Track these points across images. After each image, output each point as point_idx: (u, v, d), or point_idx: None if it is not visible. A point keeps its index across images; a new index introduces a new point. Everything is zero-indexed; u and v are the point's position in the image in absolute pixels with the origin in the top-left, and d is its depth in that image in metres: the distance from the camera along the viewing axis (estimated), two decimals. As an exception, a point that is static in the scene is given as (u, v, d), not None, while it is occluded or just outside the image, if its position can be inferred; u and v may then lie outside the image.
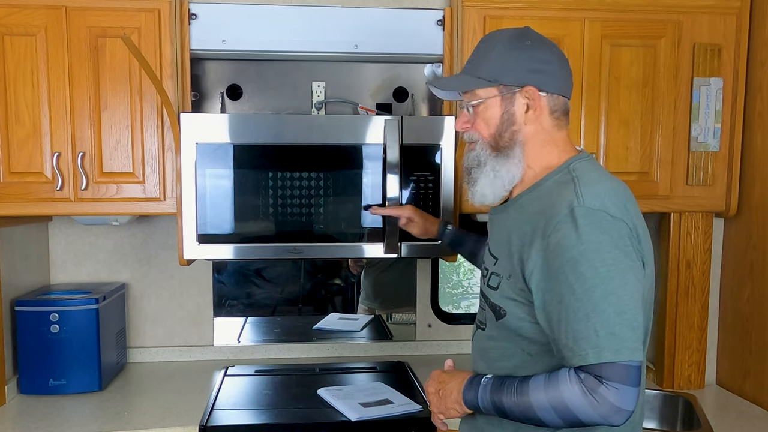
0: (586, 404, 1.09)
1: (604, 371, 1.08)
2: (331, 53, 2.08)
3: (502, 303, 1.25)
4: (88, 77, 1.93)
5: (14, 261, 2.10)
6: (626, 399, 1.08)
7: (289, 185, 1.94)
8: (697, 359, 2.26)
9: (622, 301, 1.09)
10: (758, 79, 2.10)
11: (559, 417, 1.12)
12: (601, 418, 1.09)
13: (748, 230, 2.16)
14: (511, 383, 1.17)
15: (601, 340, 1.08)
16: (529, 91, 1.24)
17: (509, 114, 1.25)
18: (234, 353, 2.45)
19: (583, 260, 1.10)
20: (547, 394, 1.12)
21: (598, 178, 1.20)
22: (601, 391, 1.08)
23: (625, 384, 1.08)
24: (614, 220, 1.12)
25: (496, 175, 1.27)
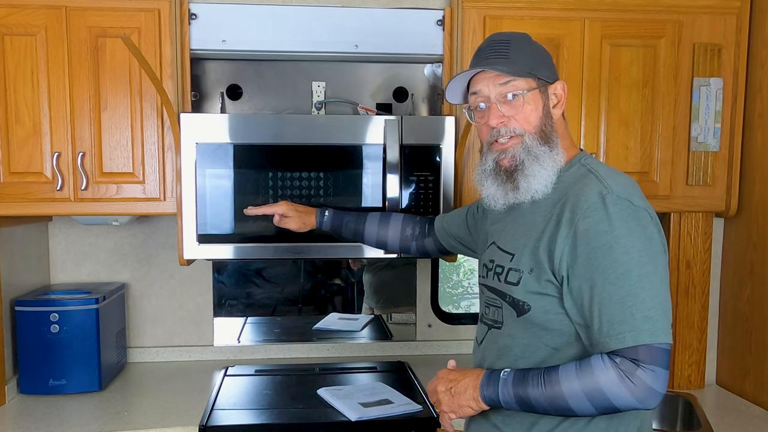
0: (624, 389, 1.10)
1: (641, 354, 1.10)
2: (331, 53, 2.08)
3: (525, 298, 1.23)
4: (88, 77, 1.93)
5: (14, 261, 2.10)
6: (660, 381, 1.11)
7: (289, 185, 1.94)
8: (697, 359, 2.26)
9: (655, 286, 1.13)
10: (758, 79, 2.10)
11: (592, 404, 1.12)
12: (638, 401, 1.11)
13: (748, 230, 2.16)
14: (536, 374, 1.17)
15: (638, 323, 1.11)
16: (558, 87, 1.29)
17: (547, 108, 1.28)
18: (234, 353, 2.45)
19: (617, 245, 1.12)
20: (581, 382, 1.12)
21: (613, 172, 1.24)
22: (639, 374, 1.10)
23: (659, 366, 1.11)
24: (638, 209, 1.16)
25: (553, 165, 1.25)
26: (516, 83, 1.25)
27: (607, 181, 1.19)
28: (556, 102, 1.29)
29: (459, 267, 4.67)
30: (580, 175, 1.24)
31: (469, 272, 4.73)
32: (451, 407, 1.27)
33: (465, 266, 4.68)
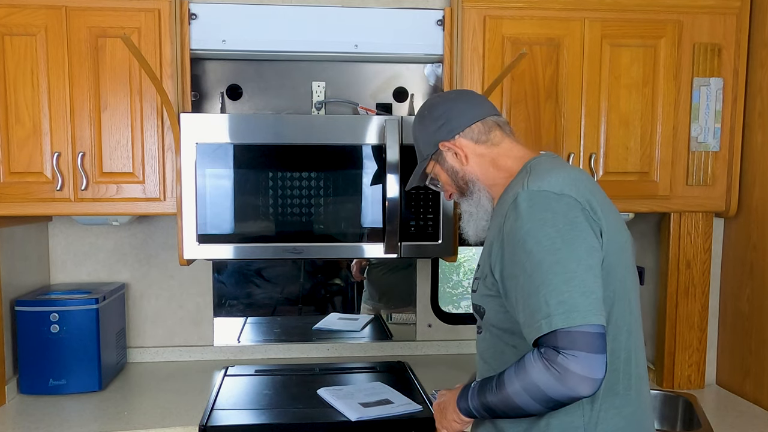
0: (551, 378, 1.10)
1: (560, 340, 1.10)
2: (331, 53, 2.08)
3: (480, 302, 1.32)
4: (88, 77, 1.93)
5: (14, 261, 2.10)
6: (589, 366, 1.08)
7: (289, 185, 1.94)
8: (697, 359, 2.26)
9: (569, 269, 1.12)
10: (758, 79, 2.10)
11: (534, 400, 1.13)
12: (568, 389, 1.09)
13: (748, 230, 2.16)
14: (490, 381, 1.22)
15: (551, 309, 1.11)
16: (444, 146, 1.41)
17: (449, 168, 1.43)
18: (234, 353, 2.45)
19: (529, 238, 1.16)
20: (519, 379, 1.14)
21: (550, 168, 1.27)
22: (560, 361, 1.09)
23: (583, 351, 1.08)
24: (559, 197, 1.18)
25: (470, 215, 1.43)
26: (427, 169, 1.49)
27: (529, 180, 1.23)
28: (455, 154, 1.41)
29: (459, 267, 4.67)
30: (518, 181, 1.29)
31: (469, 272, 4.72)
32: (442, 424, 1.38)
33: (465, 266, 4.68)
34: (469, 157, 1.39)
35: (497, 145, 1.39)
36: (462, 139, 1.40)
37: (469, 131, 1.40)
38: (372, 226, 1.97)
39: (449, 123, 1.41)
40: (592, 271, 1.14)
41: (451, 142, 1.41)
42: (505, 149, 1.39)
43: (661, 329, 2.28)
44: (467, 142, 1.40)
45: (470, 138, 1.40)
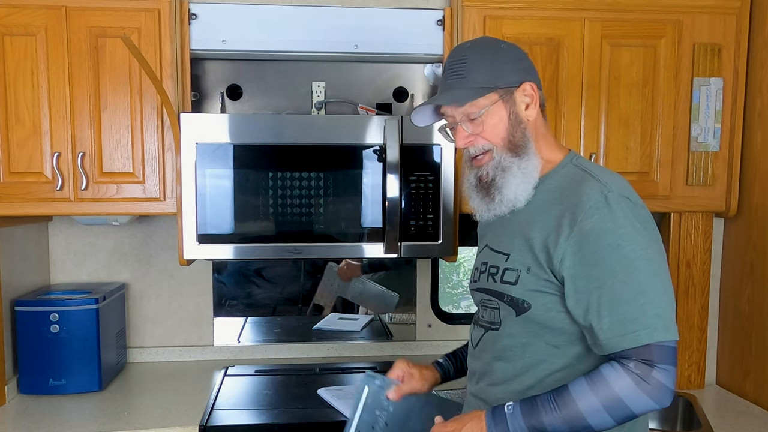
0: (641, 393, 1.10)
1: (654, 354, 1.10)
2: (331, 53, 2.08)
3: (524, 296, 1.22)
4: (88, 77, 1.93)
5: (14, 261, 2.10)
6: (673, 379, 1.11)
7: (289, 185, 1.94)
8: (697, 359, 2.26)
9: (665, 282, 1.14)
10: (758, 79, 2.10)
11: (611, 416, 1.11)
12: (655, 402, 1.10)
13: (748, 230, 2.16)
14: (546, 400, 1.15)
15: (650, 320, 1.10)
16: (527, 88, 1.25)
17: (514, 114, 1.25)
18: (234, 353, 2.45)
19: (625, 243, 1.12)
20: (597, 395, 1.11)
21: (607, 171, 1.24)
22: (654, 375, 1.09)
23: (671, 365, 1.11)
24: (638, 207, 1.18)
25: (524, 174, 1.25)
26: (476, 102, 1.25)
27: (605, 180, 1.19)
28: (528, 103, 1.26)
29: (459, 267, 4.67)
30: (575, 175, 1.23)
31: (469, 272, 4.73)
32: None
33: (465, 266, 4.68)
34: (535, 116, 1.27)
35: (548, 125, 1.32)
36: (537, 94, 1.27)
37: (541, 94, 1.28)
38: (372, 226, 1.96)
39: (530, 70, 1.28)
40: (671, 286, 1.17)
41: (536, 88, 1.26)
42: (550, 134, 1.32)
43: (661, 329, 2.28)
44: (538, 101, 1.27)
45: (540, 99, 1.28)
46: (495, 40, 1.31)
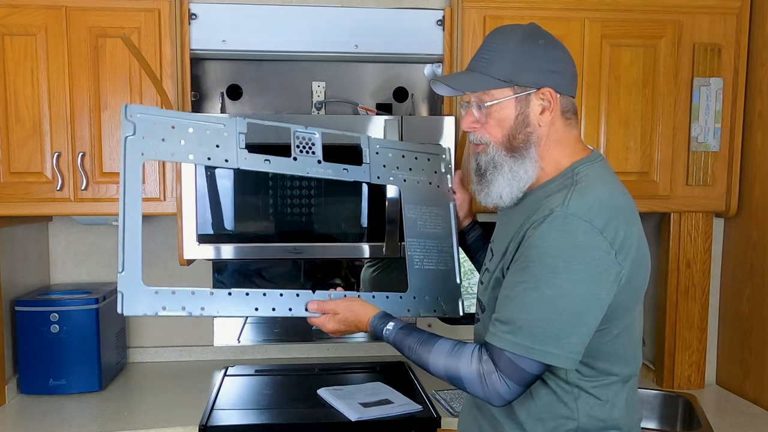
0: (477, 383, 1.17)
1: (503, 363, 1.14)
2: (331, 53, 2.08)
3: (483, 297, 1.31)
4: (88, 77, 1.93)
5: (14, 261, 2.10)
6: (510, 395, 1.15)
7: (288, 185, 1.94)
8: (697, 359, 2.26)
9: (558, 309, 1.11)
10: (758, 79, 2.10)
11: (449, 380, 1.21)
12: (484, 397, 1.17)
13: (748, 230, 2.16)
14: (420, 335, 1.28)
15: (521, 334, 1.12)
16: (545, 93, 1.21)
17: (524, 115, 1.23)
18: (234, 353, 2.45)
19: (538, 262, 1.13)
20: (447, 361, 1.20)
21: (595, 185, 1.18)
22: (494, 379, 1.15)
23: (516, 384, 1.14)
24: (591, 231, 1.11)
25: (513, 176, 1.25)
26: (489, 92, 1.23)
27: (573, 196, 1.14)
28: (545, 108, 1.22)
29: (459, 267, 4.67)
30: (562, 186, 1.20)
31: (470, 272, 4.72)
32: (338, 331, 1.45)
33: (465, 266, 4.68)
34: (549, 123, 1.23)
35: (570, 130, 1.25)
36: (559, 101, 1.23)
37: (565, 100, 1.24)
38: (372, 226, 1.96)
39: (559, 76, 1.22)
40: (579, 318, 1.12)
41: (555, 95, 1.21)
42: (571, 139, 1.26)
43: (661, 329, 2.28)
44: (559, 108, 1.23)
45: (563, 106, 1.24)
46: (538, 34, 1.24)
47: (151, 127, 1.35)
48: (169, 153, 1.36)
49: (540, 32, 1.24)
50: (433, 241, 1.55)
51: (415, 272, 1.53)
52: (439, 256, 1.55)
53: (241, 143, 1.41)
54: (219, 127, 1.40)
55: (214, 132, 1.39)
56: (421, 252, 1.53)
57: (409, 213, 1.51)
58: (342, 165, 1.51)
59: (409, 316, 1.51)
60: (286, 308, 1.43)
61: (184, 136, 1.37)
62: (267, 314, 1.42)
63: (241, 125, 1.41)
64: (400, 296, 1.53)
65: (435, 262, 1.55)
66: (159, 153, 1.36)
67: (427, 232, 1.53)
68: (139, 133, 1.34)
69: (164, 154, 1.36)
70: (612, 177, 1.24)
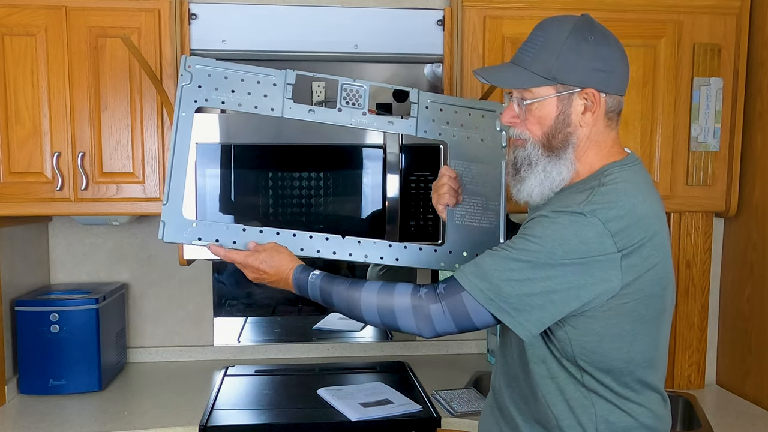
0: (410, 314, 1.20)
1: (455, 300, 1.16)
2: (331, 53, 2.08)
3: None
4: (88, 77, 1.93)
5: (14, 261, 2.10)
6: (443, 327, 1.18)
7: (288, 185, 1.94)
8: (697, 359, 2.26)
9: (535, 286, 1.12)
10: (758, 79, 2.10)
11: (380, 319, 1.23)
12: (415, 328, 1.20)
13: (748, 230, 2.16)
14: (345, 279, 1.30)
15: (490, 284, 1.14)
16: (589, 94, 1.17)
17: (565, 115, 1.19)
18: (234, 353, 2.45)
19: (539, 241, 1.13)
20: (379, 298, 1.23)
21: (621, 189, 1.15)
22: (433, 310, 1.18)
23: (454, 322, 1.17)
24: (602, 233, 1.10)
25: (546, 176, 1.22)
26: (532, 89, 1.20)
27: (594, 197, 1.13)
28: (588, 108, 1.18)
29: (459, 267, 4.68)
30: (587, 187, 1.18)
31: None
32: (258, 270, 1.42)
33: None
34: (591, 123, 1.19)
35: (611, 131, 1.22)
36: (603, 101, 1.18)
37: (612, 99, 1.20)
38: (372, 226, 1.96)
39: (607, 75, 1.17)
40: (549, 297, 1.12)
41: (599, 96, 1.17)
42: (609, 140, 1.22)
43: (661, 329, 2.28)
44: (603, 108, 1.19)
45: (608, 106, 1.20)
46: (589, 29, 1.19)
47: (206, 78, 1.43)
48: (220, 101, 1.43)
49: (591, 26, 1.20)
50: (478, 199, 1.51)
51: (455, 227, 1.49)
52: (484, 213, 1.51)
53: (288, 94, 1.46)
54: (269, 78, 1.45)
55: (264, 82, 1.45)
56: (464, 208, 1.49)
57: (456, 168, 1.49)
58: (387, 117, 1.51)
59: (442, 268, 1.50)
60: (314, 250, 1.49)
61: (235, 86, 1.44)
62: None
63: (290, 77, 1.46)
64: (434, 249, 1.50)
65: (478, 220, 1.51)
66: (211, 100, 1.44)
67: (473, 189, 1.50)
68: (195, 82, 1.43)
69: (215, 101, 1.44)
70: (644, 182, 1.20)
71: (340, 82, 1.48)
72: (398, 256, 1.51)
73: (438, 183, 1.49)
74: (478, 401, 1.97)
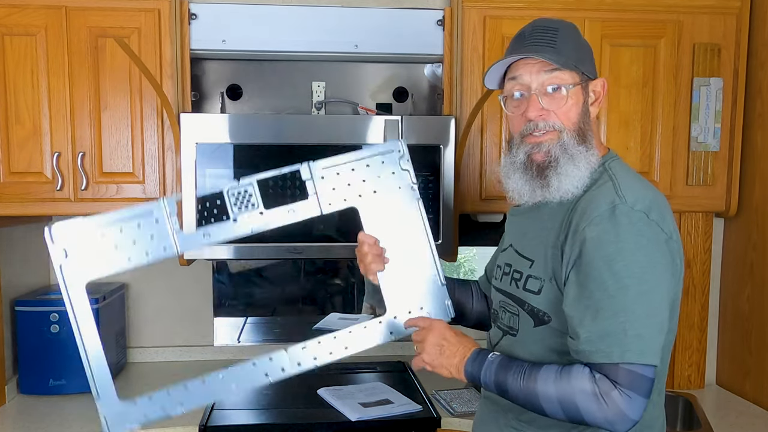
0: (595, 407, 1.06)
1: (620, 376, 1.06)
2: (331, 53, 2.08)
3: (546, 308, 1.19)
4: (88, 77, 1.93)
5: (14, 261, 2.10)
6: (635, 408, 1.06)
7: (289, 185, 1.93)
8: (697, 359, 2.26)
9: (653, 304, 1.08)
10: (758, 79, 2.10)
11: (563, 411, 1.09)
12: (606, 422, 1.07)
13: (748, 230, 2.16)
14: (520, 366, 1.15)
15: (629, 340, 1.06)
16: (599, 84, 1.22)
17: (586, 104, 1.21)
18: (234, 353, 2.45)
19: (620, 258, 1.07)
20: (557, 388, 1.09)
21: (636, 181, 1.18)
22: (614, 396, 1.06)
23: (637, 393, 1.06)
24: (651, 223, 1.10)
25: (587, 164, 1.18)
26: (561, 75, 1.18)
27: (623, 190, 1.13)
28: (594, 99, 1.23)
29: (459, 267, 4.67)
30: (601, 180, 1.17)
31: (470, 273, 4.72)
32: (432, 361, 1.24)
33: (465, 267, 4.68)
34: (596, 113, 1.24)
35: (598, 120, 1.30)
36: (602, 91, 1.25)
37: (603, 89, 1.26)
38: (372, 226, 1.96)
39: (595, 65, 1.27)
40: (667, 309, 1.11)
41: (606, 86, 1.25)
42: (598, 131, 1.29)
43: (661, 329, 2.28)
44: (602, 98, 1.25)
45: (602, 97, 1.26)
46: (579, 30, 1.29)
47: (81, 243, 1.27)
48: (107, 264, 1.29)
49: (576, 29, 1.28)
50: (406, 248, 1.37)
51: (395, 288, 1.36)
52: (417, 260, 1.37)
53: (175, 225, 1.28)
54: (149, 216, 1.28)
55: (145, 223, 1.28)
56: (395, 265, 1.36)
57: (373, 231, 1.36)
58: (288, 206, 1.38)
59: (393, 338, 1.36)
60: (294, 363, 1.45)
61: (116, 240, 1.28)
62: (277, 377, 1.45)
63: (171, 205, 1.28)
64: (379, 321, 1.36)
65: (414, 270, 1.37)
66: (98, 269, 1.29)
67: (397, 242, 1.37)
68: (71, 255, 1.27)
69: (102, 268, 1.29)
70: (636, 173, 1.24)
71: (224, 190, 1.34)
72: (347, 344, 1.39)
73: (360, 253, 1.37)
74: (478, 401, 1.97)
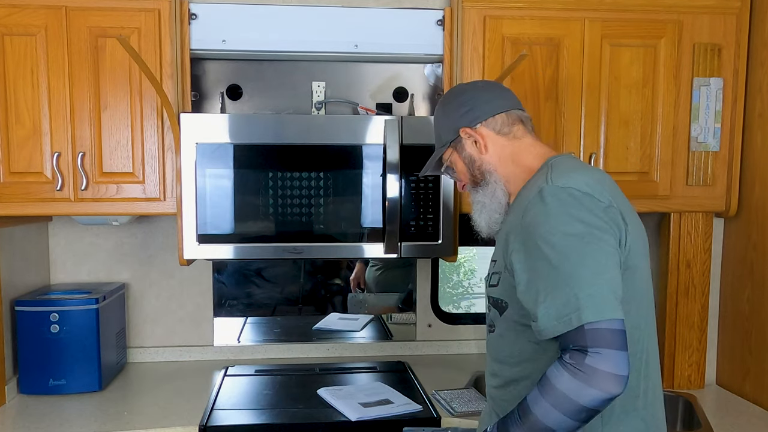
0: (580, 383, 1.06)
1: (587, 338, 1.07)
2: (331, 53, 2.08)
3: (502, 296, 1.28)
4: (88, 77, 1.93)
5: (14, 261, 2.10)
6: (615, 363, 1.06)
7: (289, 185, 1.94)
8: (697, 359, 2.26)
9: (599, 265, 1.11)
10: (758, 79, 2.10)
11: (566, 415, 1.08)
12: (599, 390, 1.06)
13: (748, 230, 2.16)
14: (512, 414, 1.17)
15: (582, 302, 1.08)
16: (465, 132, 1.39)
17: (467, 156, 1.41)
18: (234, 353, 2.46)
19: (555, 232, 1.14)
20: (545, 397, 1.10)
21: (573, 167, 1.25)
22: (587, 362, 1.06)
23: (608, 347, 1.06)
24: (583, 195, 1.16)
25: (483, 206, 1.39)
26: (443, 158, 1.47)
27: (552, 175, 1.21)
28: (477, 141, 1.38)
29: (459, 267, 4.67)
30: (539, 176, 1.27)
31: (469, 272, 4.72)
32: None
33: (465, 266, 4.68)
34: (488, 146, 1.37)
35: (519, 139, 1.37)
36: (484, 128, 1.38)
37: (492, 121, 1.38)
38: (372, 226, 1.97)
39: (473, 111, 1.39)
40: (617, 269, 1.13)
41: (472, 130, 1.38)
42: (527, 145, 1.37)
43: (661, 329, 2.27)
44: (489, 132, 1.38)
45: (492, 128, 1.38)
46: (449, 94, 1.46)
47: None
48: None
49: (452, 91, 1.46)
50: None
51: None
52: None
53: None
54: None
55: None
56: None
57: None
58: None
59: None
60: None
61: None
62: None
63: None
64: None
65: None
66: None
67: None
68: None
69: None
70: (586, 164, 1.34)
71: None
72: None
73: None
74: (478, 401, 1.97)
